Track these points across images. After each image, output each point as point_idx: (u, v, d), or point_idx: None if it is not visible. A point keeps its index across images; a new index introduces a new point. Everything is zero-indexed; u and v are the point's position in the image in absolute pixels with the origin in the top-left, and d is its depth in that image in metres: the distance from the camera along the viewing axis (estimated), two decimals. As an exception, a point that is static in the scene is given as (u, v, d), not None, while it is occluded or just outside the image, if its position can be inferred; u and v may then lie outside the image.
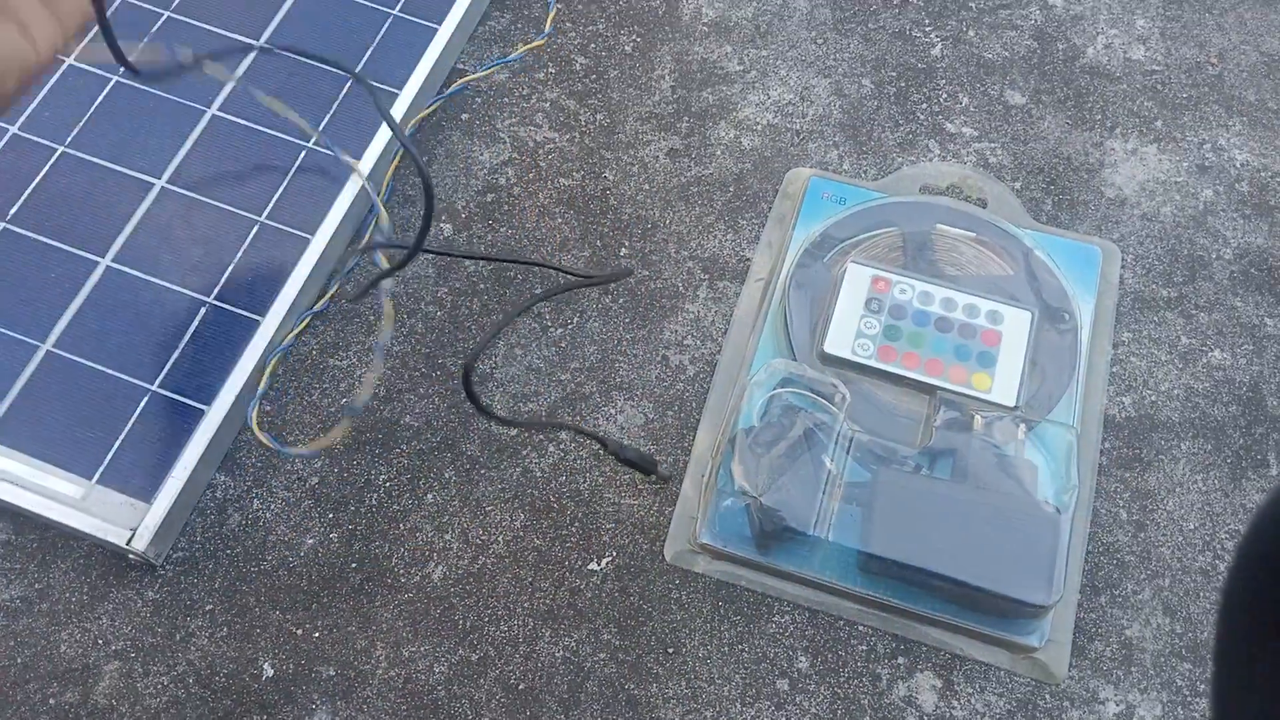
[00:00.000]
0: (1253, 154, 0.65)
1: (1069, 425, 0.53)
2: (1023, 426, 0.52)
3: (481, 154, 0.66)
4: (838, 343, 0.55)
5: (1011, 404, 0.53)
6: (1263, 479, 0.55)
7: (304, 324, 0.59)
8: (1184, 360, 0.58)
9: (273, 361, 0.57)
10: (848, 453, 0.52)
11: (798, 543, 0.50)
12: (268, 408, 0.57)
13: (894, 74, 0.69)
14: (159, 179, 0.61)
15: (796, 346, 0.56)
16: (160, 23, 0.66)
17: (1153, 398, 0.57)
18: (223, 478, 0.56)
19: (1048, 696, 0.50)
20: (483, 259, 0.61)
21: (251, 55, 0.65)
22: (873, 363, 0.55)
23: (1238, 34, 0.70)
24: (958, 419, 0.52)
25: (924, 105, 0.67)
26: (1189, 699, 0.50)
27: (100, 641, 0.52)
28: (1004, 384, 0.54)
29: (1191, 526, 0.54)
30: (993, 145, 0.66)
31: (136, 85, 0.64)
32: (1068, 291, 0.57)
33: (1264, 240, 0.62)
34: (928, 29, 0.70)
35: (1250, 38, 0.70)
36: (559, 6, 0.71)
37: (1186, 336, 0.59)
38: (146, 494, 0.53)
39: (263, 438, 0.55)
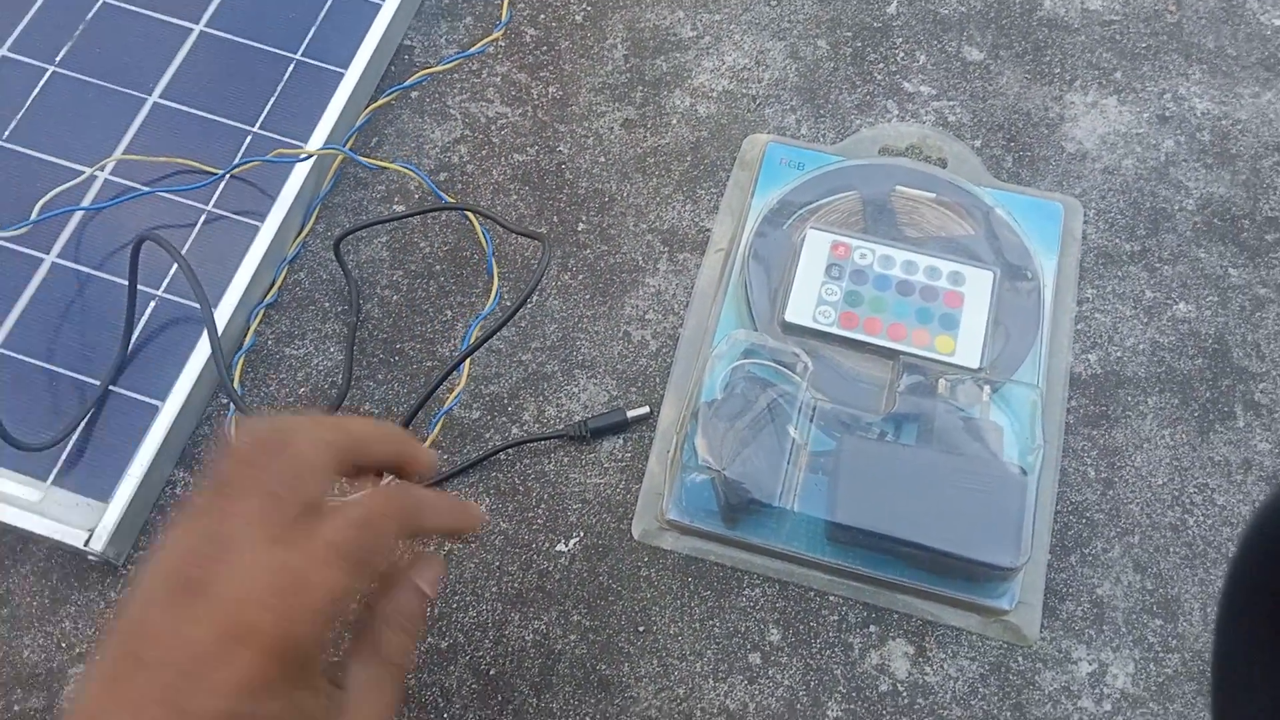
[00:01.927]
0: (1213, 102, 0.65)
1: (1033, 385, 0.53)
2: (987, 388, 0.51)
3: (433, 132, 0.64)
4: (799, 311, 0.55)
5: (975, 366, 0.53)
6: (1230, 431, 0.55)
7: (259, 318, 0.58)
8: (1149, 314, 0.58)
9: (239, 363, 0.56)
10: (811, 421, 0.51)
11: (765, 515, 0.50)
12: (224, 400, 0.56)
13: (850, 34, 0.67)
14: (95, 168, 0.59)
15: (758, 316, 0.55)
16: (96, 8, 0.64)
17: (1118, 353, 0.57)
18: (182, 473, 0.55)
19: (1020, 659, 0.50)
20: (398, 219, 0.60)
21: (190, 42, 0.64)
22: (835, 330, 0.54)
23: (1196, -20, 0.69)
24: (921, 383, 0.52)
25: (881, 65, 0.66)
26: (1160, 655, 0.50)
27: (64, 645, 0.51)
28: (967, 346, 0.53)
29: (1160, 482, 0.54)
30: (951, 103, 0.65)
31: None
32: (1030, 249, 0.57)
33: (1226, 189, 0.62)
34: (883, -13, 0.69)
35: (1208, -16, 0.69)
36: (507, -23, 0.69)
37: (1151, 290, 0.59)
38: (104, 494, 0.52)
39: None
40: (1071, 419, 0.55)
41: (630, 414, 0.54)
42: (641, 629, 0.51)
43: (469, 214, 0.61)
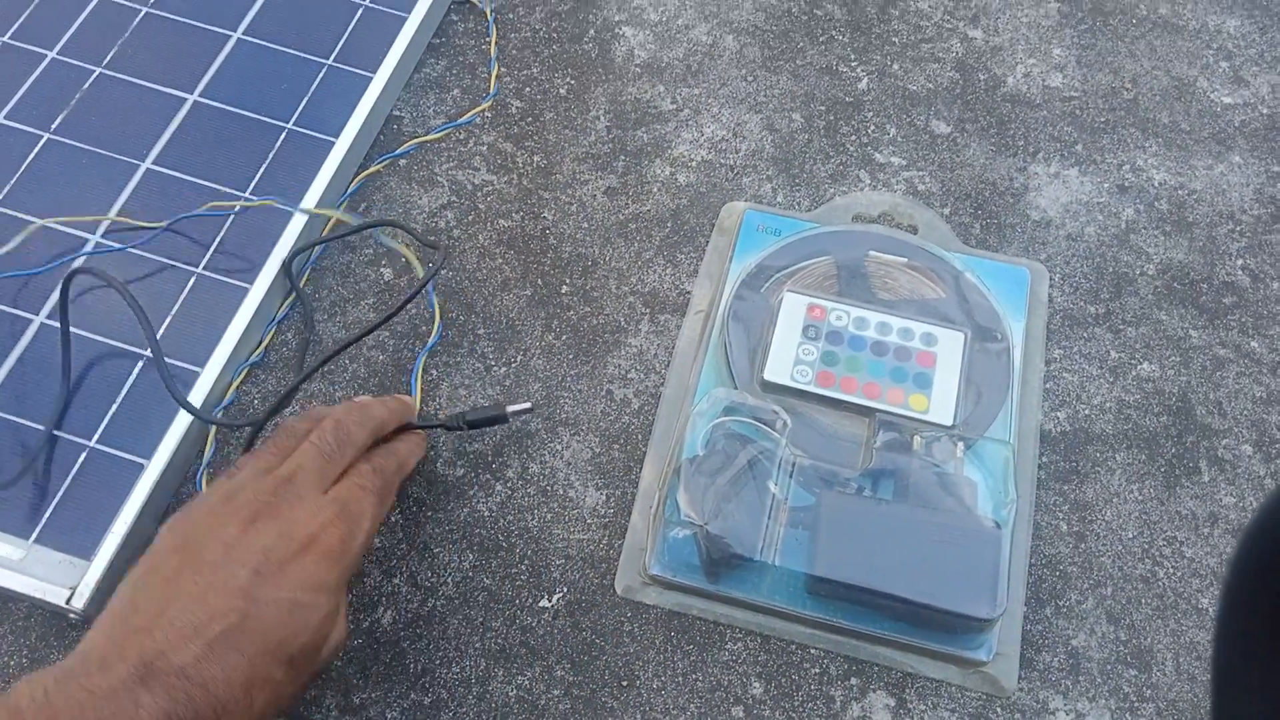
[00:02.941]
0: (1169, 173, 0.67)
1: (1005, 442, 0.54)
2: (960, 444, 0.53)
3: (420, 198, 0.66)
4: (777, 370, 0.56)
5: (949, 423, 0.54)
6: (1196, 485, 0.56)
7: (243, 376, 0.59)
8: (1114, 374, 0.60)
9: (219, 413, 0.57)
10: (791, 477, 0.52)
11: (746, 569, 0.50)
12: (211, 464, 0.57)
13: (823, 108, 0.70)
14: (95, 235, 0.61)
15: (737, 375, 0.57)
16: (92, 79, 0.66)
17: (1086, 411, 0.59)
18: (165, 532, 0.55)
19: (999, 709, 0.50)
20: (337, 238, 0.63)
21: (184, 111, 0.65)
22: (812, 388, 0.55)
23: (1149, 60, 0.72)
24: (897, 440, 0.53)
25: (853, 137, 0.69)
26: (1135, 704, 0.50)
27: (41, 705, 0.51)
28: (940, 404, 0.55)
29: (1130, 535, 0.55)
30: (921, 173, 0.67)
31: None
32: (998, 312, 0.59)
33: (1184, 255, 0.64)
34: (854, 64, 0.72)
35: (1161, 63, 0.72)
36: (498, 64, 0.72)
37: (1116, 351, 0.61)
38: (86, 551, 0.52)
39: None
40: (1043, 474, 0.56)
41: (510, 409, 0.55)
42: (625, 683, 0.51)
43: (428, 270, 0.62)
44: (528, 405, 0.56)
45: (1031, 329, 0.59)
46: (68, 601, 0.51)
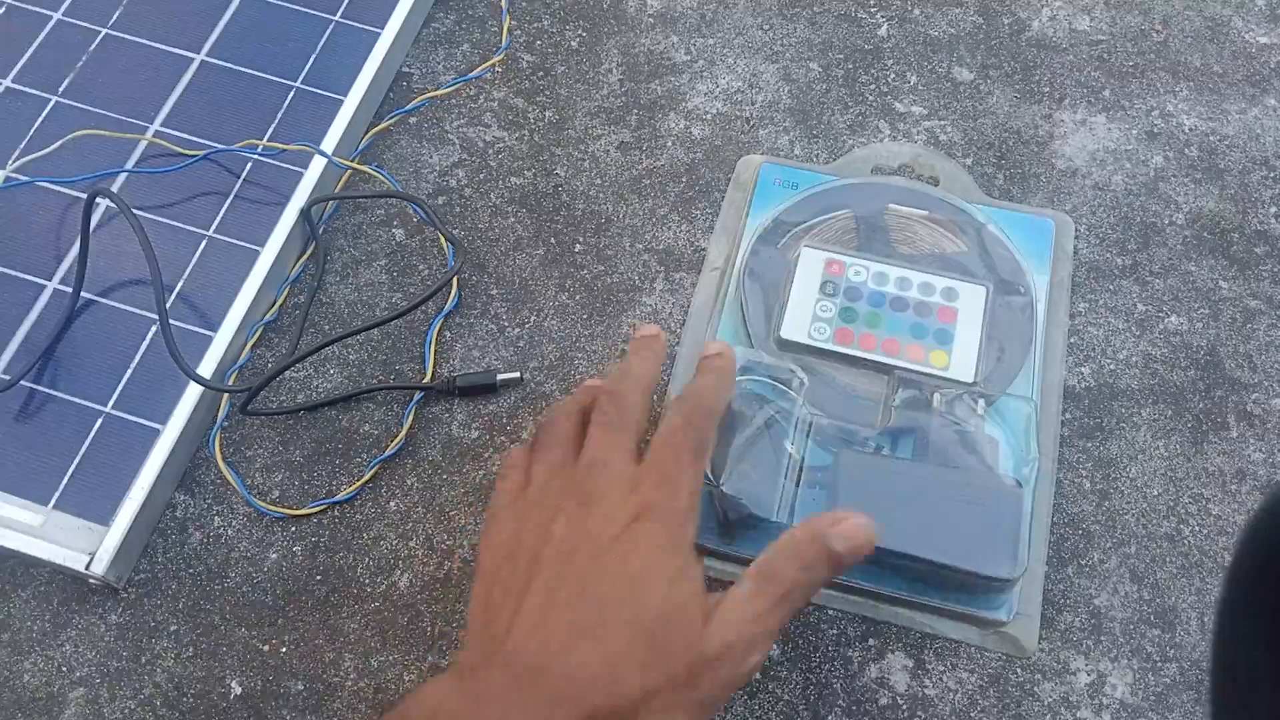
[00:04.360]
0: (1200, 118, 0.65)
1: (1027, 398, 0.53)
2: (982, 402, 0.52)
3: (431, 157, 0.65)
4: (794, 328, 0.55)
5: (970, 380, 0.53)
6: (1223, 441, 0.55)
7: (257, 335, 0.58)
8: (1141, 327, 0.58)
9: (231, 378, 0.57)
10: (808, 437, 0.51)
11: (762, 530, 0.50)
12: (225, 424, 0.57)
13: (841, 56, 0.68)
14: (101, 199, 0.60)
15: (753, 333, 0.56)
16: (98, 40, 0.66)
17: (1111, 366, 0.57)
18: (183, 496, 0.55)
19: (1019, 670, 0.50)
20: (356, 197, 0.63)
21: (192, 71, 0.64)
22: (829, 346, 0.54)
23: (1180, 0, 0.70)
24: (917, 397, 0.52)
25: (873, 86, 0.67)
26: (1159, 664, 0.50)
27: (64, 669, 0.51)
28: (962, 360, 0.54)
29: (1155, 493, 0.54)
30: (942, 123, 0.66)
31: None
32: (1022, 265, 0.57)
33: (1215, 204, 0.62)
34: (873, 10, 0.70)
35: (1193, 3, 0.70)
36: (509, 16, 0.70)
37: (1142, 303, 0.59)
38: (104, 517, 0.52)
39: (228, 475, 0.55)
40: (1066, 431, 0.55)
41: (500, 377, 0.56)
42: (641, 645, 0.51)
43: (443, 235, 0.61)
44: (516, 375, 0.57)
45: (1056, 282, 0.58)
46: (87, 567, 0.51)
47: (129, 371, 0.56)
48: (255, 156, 0.62)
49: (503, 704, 0.37)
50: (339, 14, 0.68)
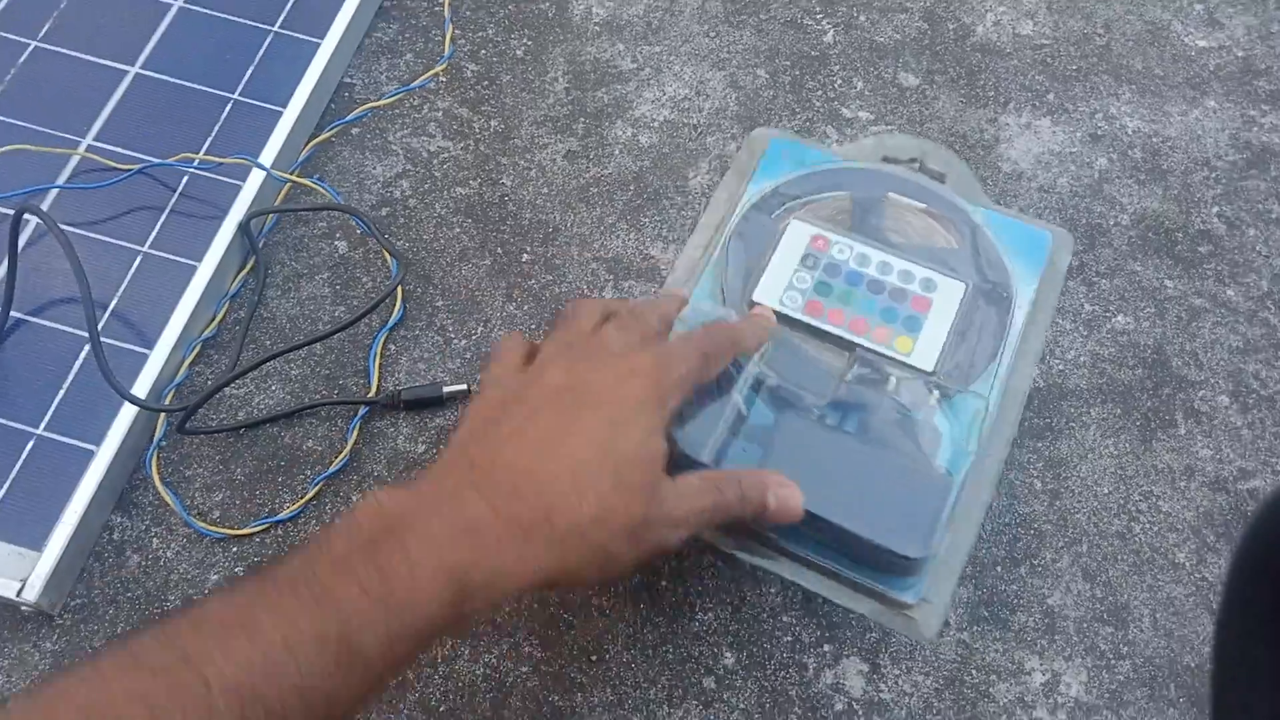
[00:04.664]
0: (1143, 120, 0.66)
1: (981, 396, 0.53)
2: (936, 393, 0.52)
3: (374, 168, 0.64)
4: (767, 293, 0.55)
5: (929, 369, 0.53)
6: (1172, 439, 0.55)
7: (195, 352, 0.57)
8: (1088, 327, 0.59)
9: (169, 397, 0.55)
10: (757, 394, 0.51)
11: (686, 470, 0.49)
12: (163, 443, 0.55)
13: (788, 63, 0.68)
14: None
15: (728, 292, 0.55)
16: (28, 53, 0.64)
17: (1060, 366, 0.57)
18: (119, 519, 0.54)
19: (974, 671, 0.49)
20: (293, 210, 0.62)
21: (125, 84, 0.63)
22: (799, 315, 0.54)
23: (1121, 4, 0.71)
24: (870, 375, 0.52)
25: (819, 92, 0.67)
26: (1112, 662, 0.50)
27: (-4, 700, 0.50)
28: (925, 349, 0.53)
29: (1105, 491, 0.54)
30: (889, 128, 0.66)
31: None
32: (1009, 270, 0.56)
33: (1158, 204, 0.63)
34: (819, 16, 0.70)
35: (1134, 7, 0.71)
36: (452, 25, 0.70)
37: (1090, 304, 0.59)
38: (37, 542, 0.51)
39: (166, 496, 0.53)
40: (1017, 432, 0.55)
41: (446, 390, 0.56)
42: (594, 658, 0.50)
43: (388, 252, 0.60)
44: (463, 387, 0.56)
45: (1042, 294, 0.57)
46: (18, 594, 0.49)
47: (61, 392, 0.54)
48: (192, 170, 0.61)
49: (456, 496, 0.38)
50: (278, 24, 0.67)
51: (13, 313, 0.56)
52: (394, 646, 0.35)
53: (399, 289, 0.59)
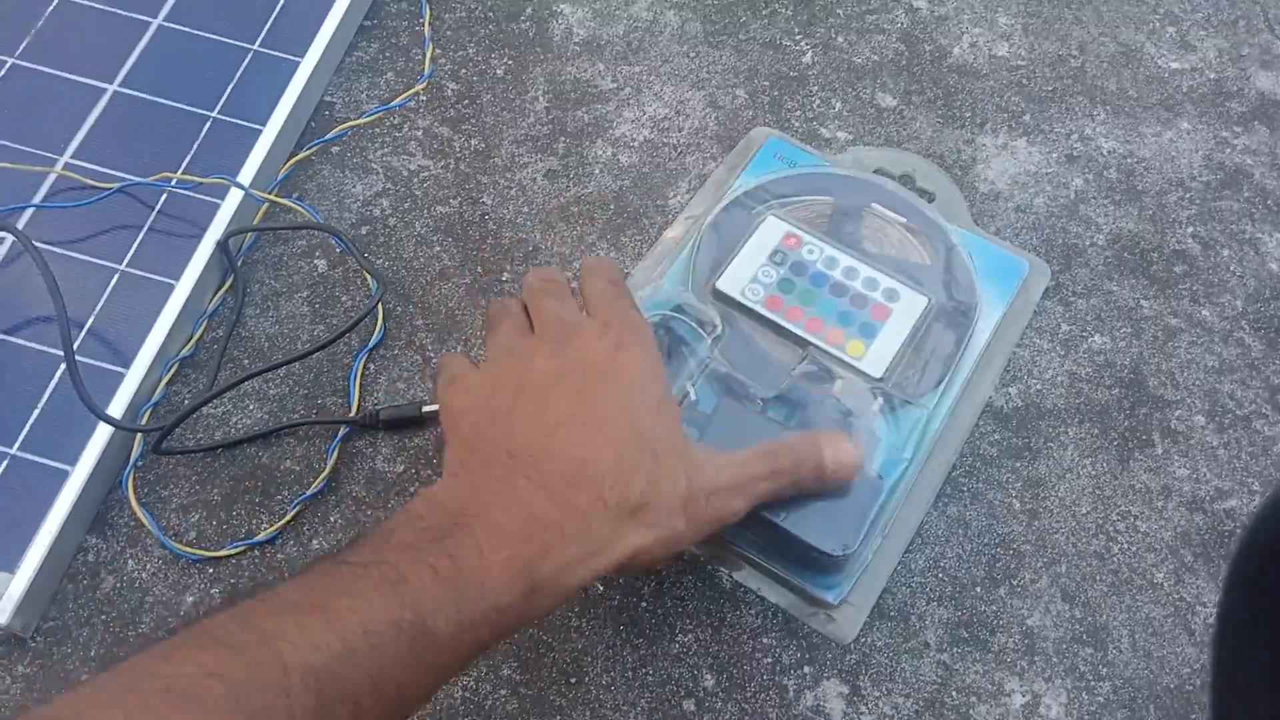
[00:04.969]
0: (1118, 141, 0.67)
1: (924, 407, 0.53)
2: (880, 400, 0.52)
3: (354, 186, 0.64)
4: (731, 282, 0.55)
5: (877, 375, 0.53)
6: (1149, 459, 0.56)
7: (172, 372, 0.57)
8: (1065, 347, 0.59)
9: (145, 416, 0.55)
10: (703, 379, 0.52)
11: None
12: (139, 464, 0.54)
13: (767, 83, 0.69)
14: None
15: (695, 279, 0.56)
16: (5, 70, 0.64)
17: (1038, 386, 0.58)
18: (94, 540, 0.53)
19: (954, 693, 0.49)
20: (272, 229, 0.62)
21: (104, 102, 0.63)
22: (758, 308, 0.55)
23: (1095, 26, 0.71)
24: (817, 373, 0.52)
25: (798, 112, 0.68)
26: (1092, 683, 0.50)
27: (-34, 726, 0.49)
28: (877, 356, 0.54)
29: (1084, 511, 0.54)
30: (867, 148, 0.66)
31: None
32: (977, 292, 0.57)
33: (1134, 224, 0.63)
34: (797, 37, 0.71)
35: (1108, 29, 0.71)
36: (433, 44, 0.70)
37: (1066, 324, 0.60)
38: (9, 564, 0.50)
39: (142, 517, 0.53)
40: (995, 452, 0.55)
41: (426, 409, 0.55)
42: (573, 680, 0.50)
43: (367, 272, 0.60)
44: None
45: (1009, 319, 0.58)
46: (-10, 617, 0.49)
47: (36, 411, 0.54)
48: (170, 189, 0.60)
49: (511, 487, 0.38)
50: (258, 43, 0.66)
51: (-13, 332, 0.55)
52: (464, 633, 0.36)
53: (379, 308, 0.59)
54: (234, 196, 0.60)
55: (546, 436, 0.40)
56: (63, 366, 0.55)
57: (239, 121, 0.63)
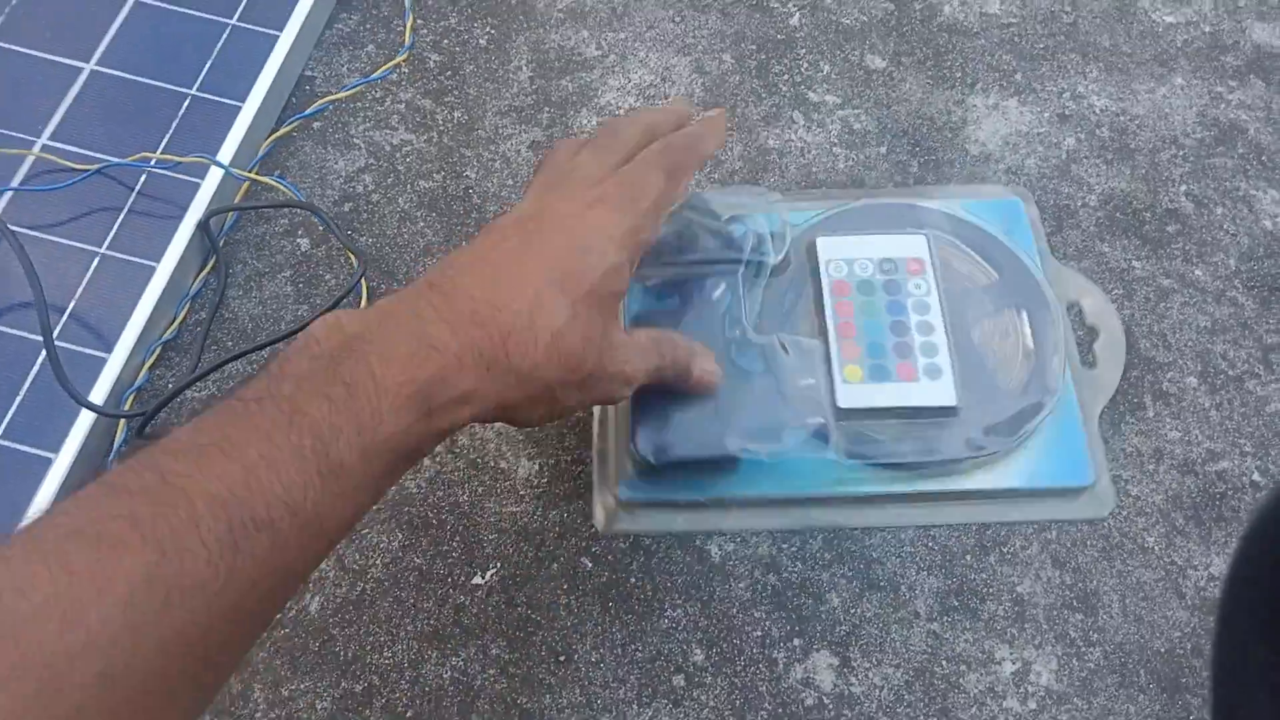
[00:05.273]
0: (1110, 99, 0.65)
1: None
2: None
3: (336, 162, 0.63)
4: (831, 246, 0.56)
5: (842, 405, 0.51)
6: (1140, 421, 0.55)
7: (155, 355, 0.56)
8: (1057, 311, 0.58)
9: (129, 400, 0.55)
10: (736, 278, 0.52)
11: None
12: (123, 449, 0.54)
13: (754, 47, 0.68)
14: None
15: (818, 223, 0.58)
16: (-22, 52, 0.63)
17: (1029, 351, 0.57)
18: (83, 526, 0.53)
19: (944, 662, 0.49)
20: (254, 207, 0.61)
21: (81, 81, 0.62)
22: (824, 279, 0.55)
23: (1088, -19, 0.70)
24: (800, 361, 0.51)
25: (786, 77, 0.66)
26: (1082, 650, 0.50)
27: (-39, 713, 0.49)
28: (857, 397, 0.51)
29: (1075, 476, 0.54)
30: (856, 111, 0.65)
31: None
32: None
33: (1126, 184, 0.62)
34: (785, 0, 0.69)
35: (1101, -16, 0.70)
36: (413, 15, 0.68)
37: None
38: (-2, 552, 0.50)
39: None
40: (986, 419, 0.55)
41: None
42: (562, 659, 0.50)
43: (351, 253, 0.60)
44: None
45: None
46: (-20, 606, 0.49)
47: (18, 399, 0.53)
48: (150, 169, 0.60)
49: (417, 316, 0.38)
50: (235, 17, 0.65)
51: (-32, 319, 0.55)
52: (371, 461, 0.35)
53: (364, 286, 0.58)
54: (214, 175, 0.60)
55: (471, 276, 0.40)
56: (44, 353, 0.54)
57: (218, 99, 0.63)
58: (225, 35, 0.65)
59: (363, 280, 0.58)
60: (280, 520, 0.32)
